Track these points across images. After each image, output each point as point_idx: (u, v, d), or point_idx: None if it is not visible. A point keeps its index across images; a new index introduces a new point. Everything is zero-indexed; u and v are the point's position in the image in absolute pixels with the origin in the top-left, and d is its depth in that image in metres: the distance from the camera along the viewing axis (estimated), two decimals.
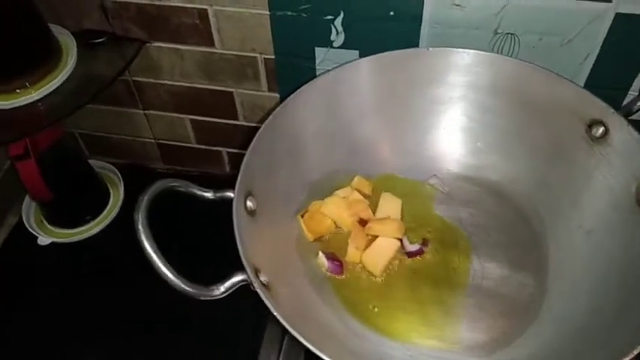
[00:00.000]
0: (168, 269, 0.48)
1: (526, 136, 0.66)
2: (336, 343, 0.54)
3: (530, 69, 0.64)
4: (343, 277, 0.62)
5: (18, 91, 0.70)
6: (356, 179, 0.68)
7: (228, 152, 0.94)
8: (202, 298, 0.49)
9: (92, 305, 0.81)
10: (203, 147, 0.94)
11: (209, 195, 0.56)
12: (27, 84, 0.70)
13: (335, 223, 0.65)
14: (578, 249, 0.61)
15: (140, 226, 0.48)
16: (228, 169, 0.98)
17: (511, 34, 0.66)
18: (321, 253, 0.63)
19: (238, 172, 0.95)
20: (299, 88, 0.65)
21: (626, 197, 0.57)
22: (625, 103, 0.69)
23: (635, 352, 0.45)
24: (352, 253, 0.63)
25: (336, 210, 0.65)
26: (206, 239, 0.81)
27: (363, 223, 0.64)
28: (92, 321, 0.80)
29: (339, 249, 0.64)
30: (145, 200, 0.50)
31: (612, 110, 0.59)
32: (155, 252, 0.48)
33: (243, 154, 0.93)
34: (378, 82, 0.67)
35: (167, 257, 0.51)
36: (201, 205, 0.58)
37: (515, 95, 0.66)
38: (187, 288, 0.48)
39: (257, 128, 0.86)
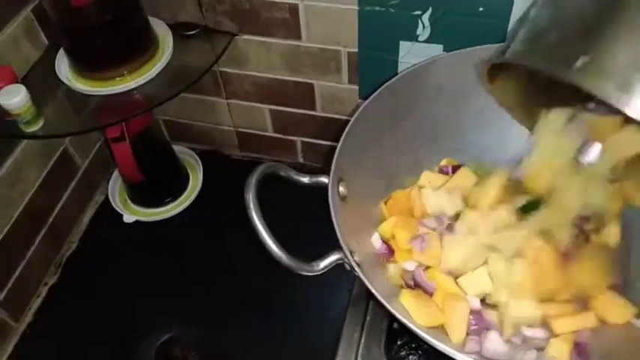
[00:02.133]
0: (275, 244, 0.51)
1: None
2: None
3: None
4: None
5: (117, 79, 0.75)
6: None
7: (302, 141, 0.98)
8: (303, 273, 0.52)
9: (173, 278, 0.87)
10: (279, 136, 0.98)
11: (305, 180, 0.59)
12: (125, 72, 0.75)
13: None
14: None
15: (251, 205, 0.51)
16: (300, 157, 1.01)
17: None
18: (376, 234, 0.63)
19: (310, 161, 1.00)
20: (379, 80, 0.67)
21: None
22: None
23: None
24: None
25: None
26: (295, 221, 0.83)
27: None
28: (172, 293, 0.85)
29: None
30: (253, 182, 0.53)
31: None
32: (265, 229, 0.51)
33: (317, 144, 0.98)
34: (465, 76, 0.68)
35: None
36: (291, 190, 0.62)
37: None
38: (290, 262, 0.51)
39: (333, 119, 0.91)
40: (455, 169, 0.70)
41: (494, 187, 0.62)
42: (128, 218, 0.93)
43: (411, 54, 0.76)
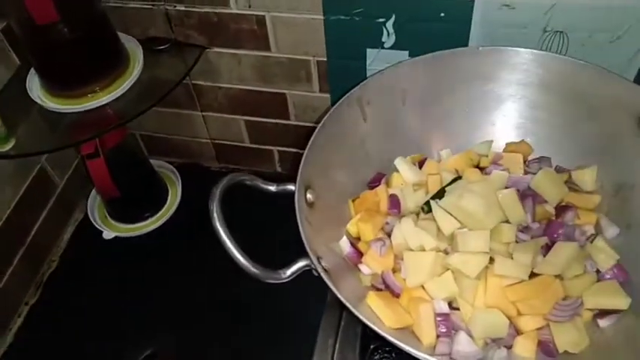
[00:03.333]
0: (240, 254, 0.52)
1: (576, 133, 0.68)
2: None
3: (579, 66, 0.65)
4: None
5: (89, 95, 0.75)
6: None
7: (278, 151, 0.98)
8: (270, 281, 0.52)
9: (153, 294, 0.86)
10: (256, 146, 0.98)
11: (272, 188, 0.60)
12: (97, 89, 0.76)
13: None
14: (633, 241, 0.61)
15: (215, 214, 0.52)
16: (278, 167, 1.02)
17: (560, 32, 0.68)
18: (345, 237, 0.63)
19: (287, 170, 1.01)
20: (350, 87, 0.68)
21: None
22: None
23: None
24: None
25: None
26: (260, 231, 0.85)
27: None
28: (152, 309, 0.85)
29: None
30: (218, 191, 0.54)
31: None
32: (229, 238, 0.52)
33: (293, 153, 0.99)
34: (429, 81, 0.69)
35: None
36: (257, 199, 0.62)
37: (565, 92, 0.67)
38: (256, 271, 0.52)
39: (307, 127, 0.92)
40: (421, 163, 0.71)
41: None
42: (107, 235, 0.93)
43: (379, 61, 0.77)
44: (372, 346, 0.64)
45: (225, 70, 0.85)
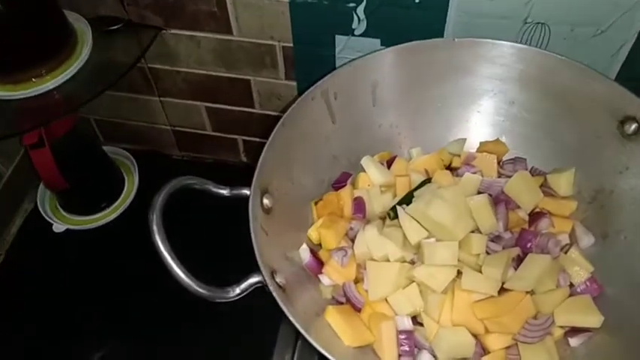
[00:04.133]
0: (182, 271, 0.47)
1: (555, 132, 0.64)
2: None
3: (560, 62, 0.61)
4: None
5: (34, 79, 0.69)
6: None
7: (243, 140, 0.93)
8: (217, 300, 0.47)
9: (106, 292, 0.82)
10: (218, 134, 0.93)
11: (225, 192, 0.55)
12: (43, 72, 0.69)
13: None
14: (609, 251, 0.58)
15: (155, 227, 0.47)
16: (243, 156, 0.96)
17: (542, 23, 0.64)
18: (304, 245, 0.59)
19: (253, 160, 0.95)
20: (318, 75, 0.62)
21: None
22: None
23: None
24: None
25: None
26: (224, 234, 0.80)
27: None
28: (105, 308, 0.80)
29: None
30: (160, 200, 0.48)
31: None
32: (169, 253, 0.47)
33: (259, 142, 0.93)
34: (401, 73, 0.64)
35: (183, 255, 0.50)
36: (218, 199, 0.57)
37: (543, 88, 0.63)
38: (201, 290, 0.47)
39: (273, 116, 0.86)
40: (390, 162, 0.66)
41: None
42: (58, 227, 0.87)
43: (348, 48, 0.71)
44: None
45: (184, 54, 0.79)
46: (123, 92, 0.87)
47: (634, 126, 0.58)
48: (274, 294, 0.46)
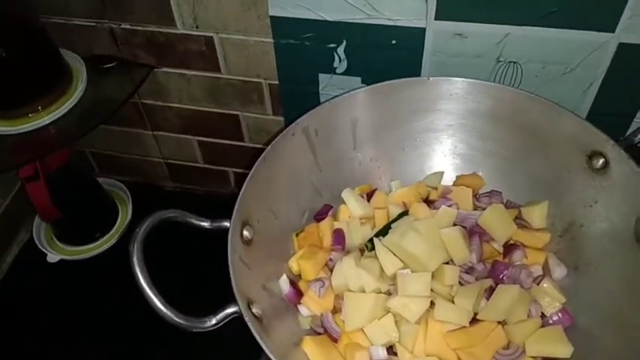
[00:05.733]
0: (161, 302, 0.49)
1: (527, 167, 0.66)
2: None
3: (530, 99, 0.63)
4: None
5: (30, 115, 0.72)
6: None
7: (234, 172, 0.96)
8: (194, 330, 0.49)
9: (99, 322, 0.83)
10: (210, 167, 0.95)
11: (206, 225, 0.57)
12: (39, 108, 0.72)
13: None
14: (580, 283, 0.60)
15: (135, 259, 0.49)
16: (234, 187, 0.99)
17: (514, 62, 0.67)
18: (284, 276, 0.60)
19: None
20: (303, 110, 0.65)
21: (625, 232, 0.57)
22: (629, 132, 0.69)
23: None
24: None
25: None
26: (205, 265, 0.80)
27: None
28: (99, 338, 0.81)
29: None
30: (140, 233, 0.51)
31: (612, 142, 0.58)
32: (148, 285, 0.49)
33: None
34: (378, 110, 0.67)
35: (165, 284, 0.52)
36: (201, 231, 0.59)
37: (515, 124, 0.65)
38: (179, 320, 0.49)
39: (262, 149, 0.89)
40: (370, 195, 0.68)
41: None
42: (52, 258, 0.89)
43: (331, 86, 0.74)
44: None
45: (175, 90, 0.82)
46: (117, 126, 0.91)
47: (601, 161, 0.60)
48: (249, 324, 0.48)
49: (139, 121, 0.89)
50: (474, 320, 0.55)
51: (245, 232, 0.57)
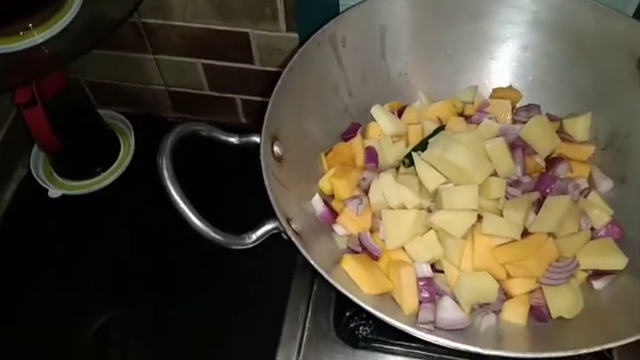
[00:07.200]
0: (197, 216, 0.45)
1: (570, 77, 0.62)
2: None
3: (576, 1, 0.59)
4: None
5: (21, 33, 0.65)
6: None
7: (242, 99, 0.90)
8: (234, 247, 0.45)
9: (105, 258, 0.79)
10: (216, 94, 0.89)
11: (234, 140, 0.52)
12: (30, 26, 0.66)
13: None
14: (627, 195, 0.57)
15: (165, 171, 0.44)
16: (242, 117, 0.93)
17: None
18: (317, 196, 0.57)
19: (254, 121, 0.93)
20: (321, 25, 0.59)
21: None
22: None
23: None
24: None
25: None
26: (230, 187, 0.77)
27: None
28: (106, 274, 0.78)
29: None
30: (168, 144, 0.46)
31: None
32: (182, 198, 0.44)
33: (259, 102, 0.90)
34: (411, 16, 0.62)
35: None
36: (223, 151, 0.55)
37: (558, 31, 0.61)
38: (217, 236, 0.45)
39: (274, 73, 0.83)
40: (400, 112, 0.64)
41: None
42: (53, 193, 0.84)
43: None
44: (347, 313, 0.58)
45: (179, 5, 0.75)
46: (115, 51, 0.83)
47: None
48: (293, 239, 0.45)
49: (139, 44, 0.82)
50: (523, 234, 0.52)
51: (275, 148, 0.53)
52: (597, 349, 0.41)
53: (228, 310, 0.71)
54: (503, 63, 0.65)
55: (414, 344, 0.56)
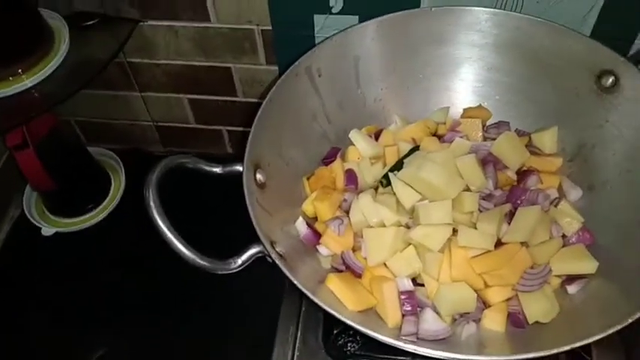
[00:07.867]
0: (183, 244, 0.47)
1: (535, 94, 0.65)
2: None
3: (535, 23, 0.62)
4: None
5: (11, 78, 0.68)
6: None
7: (228, 131, 0.93)
8: (220, 272, 0.47)
9: (100, 293, 0.80)
10: (202, 127, 0.92)
11: (217, 170, 0.55)
12: (19, 71, 0.68)
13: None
14: (596, 202, 0.60)
15: (151, 203, 0.47)
16: (229, 148, 0.96)
17: None
18: (300, 219, 0.59)
19: (240, 151, 0.95)
20: (298, 58, 0.63)
21: (639, 145, 0.57)
22: (631, 53, 0.68)
23: None
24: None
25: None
26: (213, 215, 0.79)
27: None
28: (101, 309, 0.79)
29: None
30: (154, 177, 0.48)
31: (622, 58, 0.58)
32: (168, 228, 0.47)
33: (244, 132, 0.93)
34: (381, 46, 0.65)
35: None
36: (208, 182, 0.57)
37: (521, 51, 0.64)
38: (203, 262, 0.47)
39: (257, 104, 0.86)
40: (377, 135, 0.67)
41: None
42: (47, 231, 0.86)
43: (327, 28, 0.72)
44: (335, 331, 0.60)
45: (162, 45, 0.78)
46: (103, 90, 0.87)
47: (611, 79, 0.59)
48: (277, 262, 0.47)
49: (126, 82, 0.85)
50: (497, 245, 0.55)
51: (258, 175, 0.55)
52: (567, 348, 0.43)
53: (223, 336, 0.73)
54: (471, 84, 0.68)
55: (400, 357, 0.58)
